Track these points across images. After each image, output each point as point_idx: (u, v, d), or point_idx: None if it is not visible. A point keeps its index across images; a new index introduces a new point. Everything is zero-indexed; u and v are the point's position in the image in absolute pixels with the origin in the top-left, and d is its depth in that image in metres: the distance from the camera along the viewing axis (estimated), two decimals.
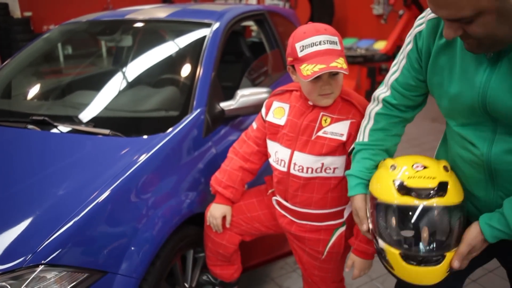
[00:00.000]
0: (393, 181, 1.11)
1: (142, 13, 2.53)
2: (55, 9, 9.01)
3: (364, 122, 1.32)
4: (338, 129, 1.39)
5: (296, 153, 1.44)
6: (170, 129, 1.76)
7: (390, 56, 6.39)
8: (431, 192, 1.07)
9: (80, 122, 1.91)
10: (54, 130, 1.83)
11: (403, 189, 1.08)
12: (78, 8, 6.59)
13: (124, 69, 2.45)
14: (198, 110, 1.88)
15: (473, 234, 1.07)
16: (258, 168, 1.66)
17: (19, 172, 1.61)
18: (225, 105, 1.99)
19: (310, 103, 1.42)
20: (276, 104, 1.54)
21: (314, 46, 1.29)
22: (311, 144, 1.41)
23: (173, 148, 1.72)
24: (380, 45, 6.80)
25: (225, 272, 1.76)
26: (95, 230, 1.39)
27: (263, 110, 1.59)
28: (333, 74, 1.33)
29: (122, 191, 1.48)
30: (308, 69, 1.27)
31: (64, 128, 1.83)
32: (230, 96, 2.04)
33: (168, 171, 1.67)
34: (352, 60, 6.07)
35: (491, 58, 0.97)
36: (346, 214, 1.49)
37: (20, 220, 1.36)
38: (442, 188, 1.07)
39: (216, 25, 2.25)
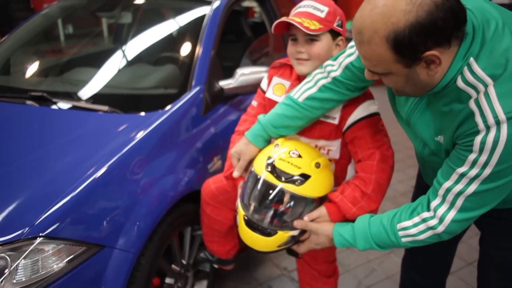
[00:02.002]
0: (268, 157, 1.26)
1: None
2: None
3: (308, 84, 1.31)
4: (331, 112, 1.37)
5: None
6: (168, 107, 1.75)
7: None
8: (289, 178, 1.21)
9: (79, 99, 1.90)
10: (53, 106, 1.83)
11: (270, 166, 1.23)
12: None
13: (123, 47, 2.43)
14: (197, 88, 1.87)
15: (324, 230, 1.24)
16: None
17: (18, 147, 1.61)
18: (225, 83, 1.98)
19: None
20: (276, 80, 1.50)
21: (298, 9, 1.35)
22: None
23: (171, 125, 1.71)
24: None
25: (221, 249, 1.77)
26: (92, 204, 1.40)
27: (264, 84, 1.55)
28: (310, 40, 1.32)
29: (119, 167, 1.49)
30: (273, 26, 1.34)
31: (62, 104, 1.83)
32: (230, 75, 2.02)
33: (166, 148, 1.67)
34: None
35: None
36: None
37: (18, 194, 1.37)
38: (300, 179, 1.21)
39: (216, 3, 2.22)
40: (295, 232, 1.26)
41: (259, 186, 1.24)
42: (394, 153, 1.35)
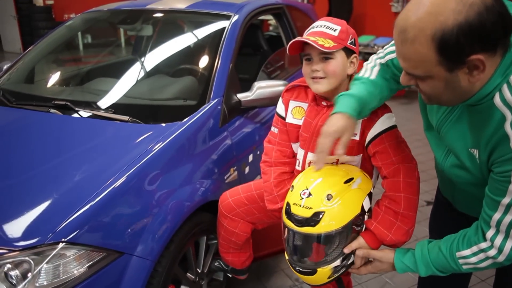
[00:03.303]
0: (287, 202, 1.29)
1: (163, 3, 2.57)
2: None
3: (370, 64, 1.31)
4: None
5: (310, 154, 1.44)
6: (187, 118, 1.79)
7: None
8: (304, 221, 1.22)
9: (100, 108, 1.96)
10: (75, 115, 1.88)
11: (287, 213, 1.27)
12: None
13: (143, 58, 2.50)
14: (216, 100, 1.92)
15: (388, 258, 1.24)
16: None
17: (41, 154, 1.67)
18: (242, 96, 2.02)
19: (324, 103, 1.42)
20: (293, 104, 1.50)
21: (311, 29, 1.37)
22: None
23: (189, 136, 1.75)
24: None
25: (236, 259, 1.79)
26: (112, 213, 1.43)
27: (281, 109, 1.53)
28: (325, 58, 1.33)
29: (139, 177, 1.52)
30: (287, 46, 1.35)
31: (85, 113, 1.89)
32: (247, 88, 2.06)
33: (184, 159, 1.71)
34: (368, 57, 6.04)
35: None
36: None
37: (41, 201, 1.42)
38: (314, 219, 1.21)
39: (235, 18, 2.28)
40: (336, 263, 1.26)
41: (285, 233, 1.29)
42: None
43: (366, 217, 1.31)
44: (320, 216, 1.21)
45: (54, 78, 2.49)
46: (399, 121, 1.34)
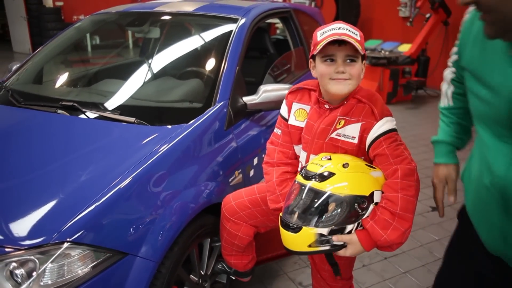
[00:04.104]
0: (306, 164, 1.36)
1: (171, 6, 2.59)
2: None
3: (444, 86, 1.34)
4: (350, 132, 1.38)
5: (312, 156, 1.45)
6: (193, 120, 1.80)
7: (414, 59, 6.31)
8: (312, 176, 1.28)
9: (107, 109, 1.97)
10: (82, 116, 1.90)
11: (301, 171, 1.34)
12: (107, 0, 6.74)
13: (150, 60, 2.51)
14: (221, 103, 1.92)
15: None
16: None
17: (47, 154, 1.68)
18: (248, 99, 2.02)
19: (327, 106, 1.42)
20: (296, 106, 1.51)
21: (333, 30, 1.32)
22: (326, 146, 1.42)
23: (195, 139, 1.76)
24: (405, 48, 6.74)
25: (239, 262, 1.80)
26: (117, 213, 1.44)
27: (284, 111, 1.55)
28: (350, 60, 1.32)
29: (144, 178, 1.53)
30: (321, 44, 1.30)
31: (91, 114, 1.90)
32: (253, 91, 2.07)
33: (189, 161, 1.72)
34: (375, 62, 6.03)
35: None
36: None
37: (47, 200, 1.43)
38: (323, 175, 1.26)
39: (242, 21, 2.29)
40: (322, 231, 1.25)
41: (291, 190, 1.34)
42: None
43: (371, 207, 1.29)
44: (330, 176, 1.26)
45: (62, 79, 2.51)
46: (406, 126, 1.35)
